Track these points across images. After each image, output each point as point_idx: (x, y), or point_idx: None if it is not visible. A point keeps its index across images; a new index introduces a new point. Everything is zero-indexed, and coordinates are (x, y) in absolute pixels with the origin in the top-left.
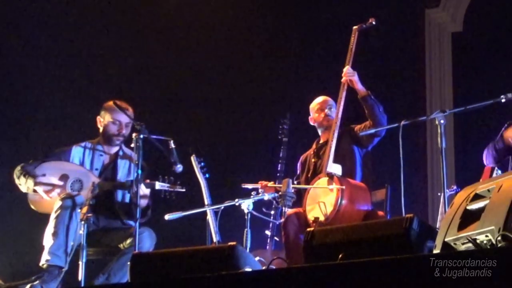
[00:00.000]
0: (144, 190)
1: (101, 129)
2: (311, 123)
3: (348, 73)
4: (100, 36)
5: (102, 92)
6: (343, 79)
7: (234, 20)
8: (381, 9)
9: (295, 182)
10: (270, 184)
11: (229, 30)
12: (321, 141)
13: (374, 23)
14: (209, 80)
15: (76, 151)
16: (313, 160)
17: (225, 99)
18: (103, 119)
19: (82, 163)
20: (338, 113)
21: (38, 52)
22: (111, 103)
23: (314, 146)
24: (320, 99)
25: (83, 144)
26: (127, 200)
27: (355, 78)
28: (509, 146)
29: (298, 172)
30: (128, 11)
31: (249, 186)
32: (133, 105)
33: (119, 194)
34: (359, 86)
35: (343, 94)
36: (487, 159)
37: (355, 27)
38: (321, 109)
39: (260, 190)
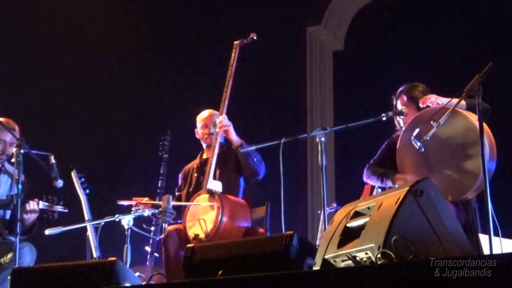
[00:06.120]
0: (34, 205)
1: None
2: (196, 136)
3: (224, 124)
4: None
5: None
6: (217, 130)
7: (114, 36)
8: (263, 25)
9: (176, 194)
10: (145, 200)
11: (109, 45)
12: (204, 156)
13: (255, 38)
14: (90, 95)
15: None
16: (195, 174)
17: (106, 115)
18: None
19: None
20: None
21: None
22: None
23: (197, 160)
24: (206, 113)
25: None
26: (7, 216)
27: (230, 129)
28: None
29: (180, 183)
30: (5, 23)
31: (125, 202)
32: (13, 119)
33: None
34: (233, 137)
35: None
36: (371, 178)
37: (236, 42)
38: (205, 125)
39: (133, 208)
